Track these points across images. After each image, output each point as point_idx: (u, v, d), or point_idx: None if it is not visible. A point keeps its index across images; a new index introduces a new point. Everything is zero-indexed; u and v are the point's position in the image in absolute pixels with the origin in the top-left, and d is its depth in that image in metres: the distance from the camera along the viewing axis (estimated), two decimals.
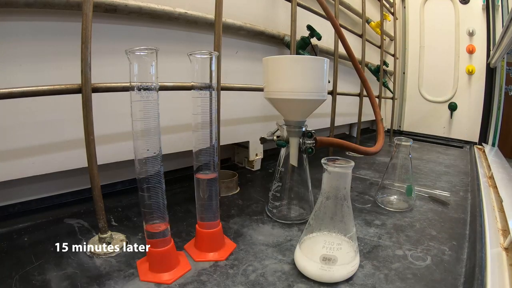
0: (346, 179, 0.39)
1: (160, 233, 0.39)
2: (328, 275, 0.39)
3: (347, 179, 0.39)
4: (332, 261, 0.39)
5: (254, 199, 0.68)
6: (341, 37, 0.70)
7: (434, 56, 1.74)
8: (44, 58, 0.49)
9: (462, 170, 1.03)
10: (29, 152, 0.50)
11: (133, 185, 0.71)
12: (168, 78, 0.53)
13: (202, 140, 0.42)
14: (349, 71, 1.25)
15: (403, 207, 0.65)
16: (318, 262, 0.39)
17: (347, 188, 0.40)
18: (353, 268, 0.40)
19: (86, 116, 0.42)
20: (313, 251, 0.40)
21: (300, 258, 0.41)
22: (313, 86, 0.50)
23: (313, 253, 0.40)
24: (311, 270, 0.39)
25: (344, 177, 0.39)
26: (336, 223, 0.40)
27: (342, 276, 0.39)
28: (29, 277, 0.38)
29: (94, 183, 0.44)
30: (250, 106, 0.85)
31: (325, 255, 0.39)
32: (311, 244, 0.42)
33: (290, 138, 0.54)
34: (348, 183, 0.40)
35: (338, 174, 0.39)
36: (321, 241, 0.40)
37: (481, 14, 1.58)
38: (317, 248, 0.40)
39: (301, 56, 0.75)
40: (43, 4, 0.45)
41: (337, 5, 0.98)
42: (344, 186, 0.39)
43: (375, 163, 1.07)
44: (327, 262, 0.39)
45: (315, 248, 0.40)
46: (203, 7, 0.65)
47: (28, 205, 0.58)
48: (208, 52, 0.39)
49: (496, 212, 0.65)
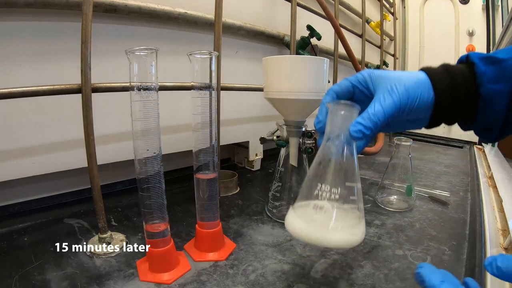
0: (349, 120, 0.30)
1: (160, 233, 0.39)
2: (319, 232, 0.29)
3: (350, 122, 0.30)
4: (324, 211, 0.30)
5: (254, 199, 0.68)
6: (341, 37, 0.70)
7: (434, 56, 1.74)
8: (44, 58, 0.49)
9: (462, 170, 1.03)
10: (29, 152, 0.50)
11: (133, 185, 0.71)
12: (168, 78, 0.53)
13: (202, 140, 0.42)
14: (349, 71, 1.26)
15: (403, 207, 0.65)
16: (307, 213, 0.30)
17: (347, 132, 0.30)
18: (352, 237, 0.30)
19: (86, 116, 0.42)
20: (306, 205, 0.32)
21: (289, 215, 0.32)
22: (313, 86, 0.50)
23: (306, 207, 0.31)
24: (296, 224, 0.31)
25: (346, 119, 0.31)
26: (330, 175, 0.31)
27: (337, 239, 0.29)
28: (29, 277, 0.38)
29: (94, 183, 0.44)
30: (250, 106, 0.85)
31: (317, 203, 0.30)
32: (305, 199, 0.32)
33: (290, 138, 0.54)
34: None
35: (341, 114, 0.31)
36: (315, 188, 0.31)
37: (481, 14, 1.58)
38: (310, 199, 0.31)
39: (301, 56, 0.75)
40: (43, 4, 0.45)
41: (337, 5, 0.98)
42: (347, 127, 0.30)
43: (375, 163, 1.07)
44: (318, 211, 0.30)
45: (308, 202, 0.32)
46: (203, 7, 0.65)
47: (28, 205, 0.58)
48: (208, 52, 0.39)
49: (496, 212, 0.65)
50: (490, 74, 0.29)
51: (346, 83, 0.34)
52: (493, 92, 0.29)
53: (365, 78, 0.33)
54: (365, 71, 0.33)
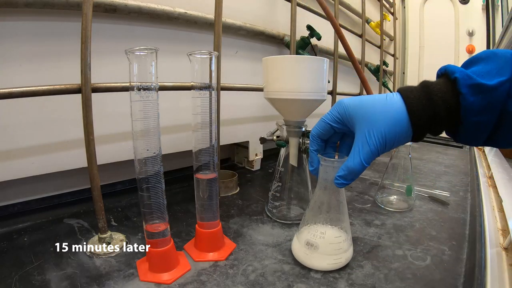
0: None
1: (160, 233, 0.39)
2: (308, 260, 0.42)
3: None
4: (314, 248, 0.41)
5: (254, 199, 0.68)
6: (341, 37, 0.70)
7: (434, 56, 1.74)
8: (44, 58, 0.49)
9: (461, 170, 1.03)
10: (29, 152, 0.50)
11: (133, 185, 0.71)
12: (168, 78, 0.53)
13: (201, 140, 0.42)
14: (349, 71, 1.26)
15: (403, 207, 0.65)
16: (303, 245, 0.43)
17: None
18: (335, 261, 0.41)
19: (86, 116, 0.42)
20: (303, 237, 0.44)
21: (294, 242, 0.45)
22: (313, 86, 0.50)
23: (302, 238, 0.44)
24: (296, 252, 0.44)
25: (336, 171, 0.38)
26: (324, 214, 0.43)
27: (321, 265, 0.41)
28: (29, 277, 0.38)
29: (94, 183, 0.44)
30: (250, 106, 0.85)
31: (309, 240, 0.42)
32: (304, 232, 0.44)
33: (289, 138, 0.54)
34: None
35: (330, 168, 0.40)
36: (311, 230, 0.43)
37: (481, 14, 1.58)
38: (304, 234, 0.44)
39: (301, 56, 0.75)
40: (43, 4, 0.45)
41: (337, 5, 0.98)
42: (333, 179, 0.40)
43: (375, 163, 1.07)
44: (309, 247, 0.42)
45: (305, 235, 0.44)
46: (203, 7, 0.65)
47: (28, 205, 0.58)
48: (207, 52, 0.39)
49: (496, 212, 0.65)
50: (477, 106, 0.27)
51: (324, 125, 0.36)
52: (477, 124, 0.28)
53: (341, 117, 0.34)
54: (338, 105, 0.35)
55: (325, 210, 0.42)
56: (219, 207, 0.46)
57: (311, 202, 0.44)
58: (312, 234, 0.42)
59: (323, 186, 0.42)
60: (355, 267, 0.43)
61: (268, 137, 0.57)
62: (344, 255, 0.42)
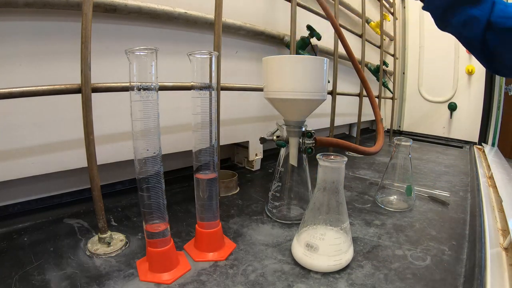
0: (337, 173, 0.41)
1: (160, 233, 0.39)
2: (308, 262, 0.42)
3: (338, 174, 0.41)
4: (313, 249, 0.42)
5: (254, 199, 0.68)
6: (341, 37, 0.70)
7: (434, 56, 1.74)
8: (44, 58, 0.49)
9: (462, 170, 1.04)
10: (29, 152, 0.50)
11: (133, 185, 0.71)
12: (168, 78, 0.53)
13: (202, 140, 0.42)
14: (349, 71, 1.26)
15: (402, 207, 0.65)
16: (303, 247, 0.43)
17: (335, 182, 0.41)
18: (335, 262, 0.41)
19: (85, 116, 0.42)
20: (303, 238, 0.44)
21: (294, 244, 0.45)
22: (313, 86, 0.50)
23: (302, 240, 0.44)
24: (296, 253, 0.44)
25: (335, 172, 0.41)
26: (323, 215, 0.43)
27: (321, 267, 0.41)
28: (29, 277, 0.38)
29: (94, 183, 0.44)
30: (250, 106, 0.85)
31: (309, 242, 0.42)
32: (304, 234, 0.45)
33: (290, 138, 0.54)
34: (338, 178, 0.41)
35: (328, 168, 0.41)
36: (311, 231, 0.44)
37: None
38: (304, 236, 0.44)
39: (301, 56, 0.75)
40: (43, 4, 0.45)
41: (337, 5, 0.98)
42: (332, 181, 0.41)
43: (374, 163, 1.07)
44: (309, 249, 0.42)
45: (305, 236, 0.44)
46: (203, 7, 0.65)
47: (28, 205, 0.58)
48: (207, 52, 0.39)
49: (496, 212, 0.65)
50: None
51: None
52: None
53: None
54: None
55: (324, 211, 0.42)
56: (219, 207, 0.46)
57: (311, 204, 0.44)
58: (311, 235, 0.42)
59: (322, 187, 0.42)
60: (355, 267, 0.43)
61: (268, 137, 0.57)
62: (344, 256, 0.42)
